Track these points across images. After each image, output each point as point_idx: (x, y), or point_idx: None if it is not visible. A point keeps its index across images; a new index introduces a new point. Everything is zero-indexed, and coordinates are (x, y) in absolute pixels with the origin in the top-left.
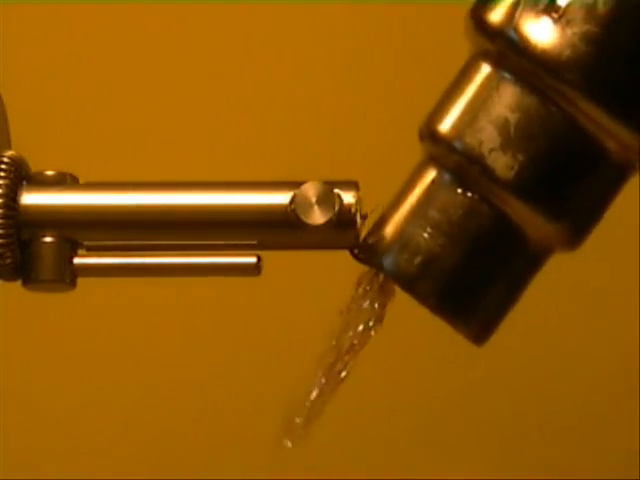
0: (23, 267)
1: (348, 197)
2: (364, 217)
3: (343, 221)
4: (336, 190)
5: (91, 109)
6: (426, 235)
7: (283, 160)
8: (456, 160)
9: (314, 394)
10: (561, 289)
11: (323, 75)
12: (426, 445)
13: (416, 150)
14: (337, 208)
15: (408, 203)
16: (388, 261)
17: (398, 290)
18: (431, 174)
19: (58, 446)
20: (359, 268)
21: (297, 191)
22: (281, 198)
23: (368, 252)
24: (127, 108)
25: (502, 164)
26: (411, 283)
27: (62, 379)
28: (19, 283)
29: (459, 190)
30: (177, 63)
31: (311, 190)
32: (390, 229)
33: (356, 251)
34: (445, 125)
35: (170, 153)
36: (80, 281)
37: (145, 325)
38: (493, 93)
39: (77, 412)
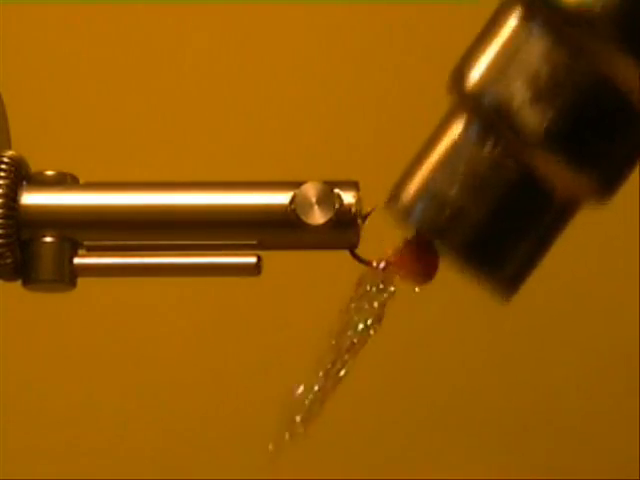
0: (23, 267)
1: (348, 197)
2: (364, 217)
3: (343, 221)
4: (336, 190)
5: (91, 109)
6: (454, 188)
7: (283, 160)
8: (485, 113)
9: (313, 393)
10: (561, 289)
11: (323, 75)
12: (426, 445)
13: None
14: (337, 208)
15: (435, 156)
16: (416, 213)
17: (398, 290)
18: (458, 127)
19: (58, 446)
20: (359, 268)
21: (297, 191)
22: (281, 198)
23: (396, 206)
24: (127, 108)
25: (532, 118)
26: (440, 233)
27: (62, 379)
28: (19, 283)
29: (487, 143)
30: (177, 63)
31: (311, 190)
32: (417, 182)
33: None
34: (474, 77)
35: (170, 153)
36: (80, 281)
37: (145, 325)
38: (523, 45)
39: (77, 412)
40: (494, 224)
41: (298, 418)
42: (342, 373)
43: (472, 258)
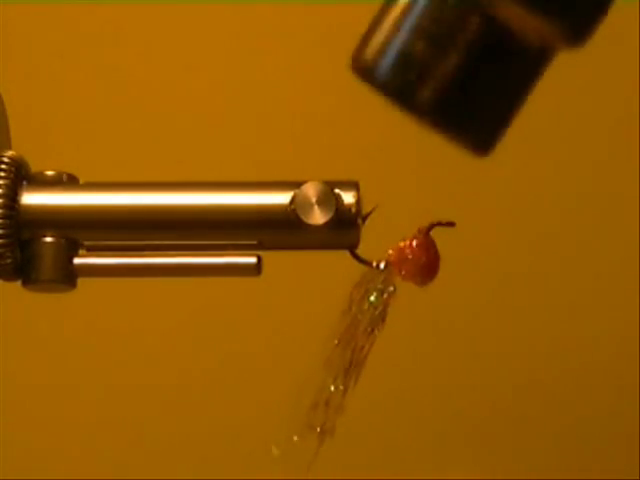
0: (23, 267)
1: (348, 197)
2: (364, 217)
3: (343, 221)
4: (336, 190)
5: (91, 109)
6: (419, 46)
7: (283, 160)
8: None
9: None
10: (561, 289)
11: (323, 75)
12: (426, 445)
13: (416, 150)
14: (337, 208)
15: (398, 12)
16: (382, 72)
17: (399, 290)
18: None
19: (58, 446)
20: (359, 268)
21: (297, 191)
22: (281, 198)
23: (360, 64)
24: (127, 108)
25: None
26: (408, 95)
27: (62, 379)
28: (19, 283)
29: None
30: (177, 63)
31: (311, 190)
32: (381, 39)
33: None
34: None
35: (170, 153)
36: (80, 281)
37: (145, 325)
38: None
39: (77, 412)
40: (463, 79)
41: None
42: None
43: (445, 117)
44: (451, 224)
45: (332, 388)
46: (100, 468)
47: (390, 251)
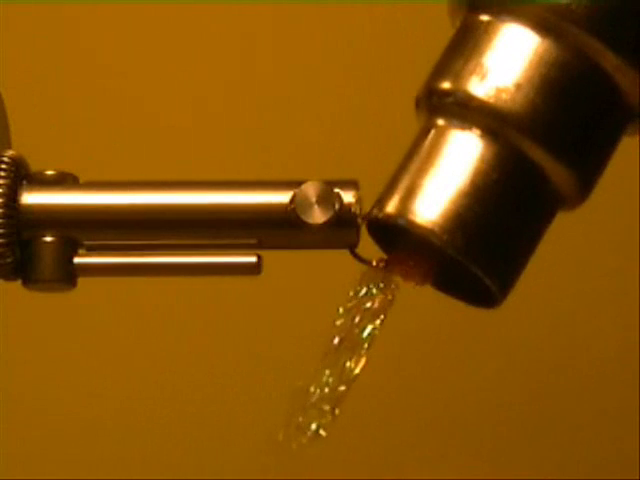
0: (23, 267)
1: (348, 197)
2: (364, 217)
3: (343, 221)
4: (336, 189)
5: (91, 109)
6: (475, 208)
7: (283, 160)
8: (484, 116)
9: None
10: (560, 290)
11: (323, 75)
12: (426, 445)
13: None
14: (337, 208)
15: (427, 168)
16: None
17: (399, 289)
18: (451, 136)
19: (58, 446)
20: (359, 268)
21: (297, 190)
22: (281, 197)
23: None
24: (127, 108)
25: (520, 107)
26: (445, 238)
27: (62, 379)
28: (19, 283)
29: (485, 147)
30: (177, 63)
31: (311, 189)
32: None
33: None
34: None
35: (170, 153)
36: (80, 281)
37: (145, 325)
38: (507, 44)
39: (77, 411)
40: (496, 224)
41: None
42: (354, 373)
43: (477, 258)
44: None
45: (327, 390)
46: (100, 468)
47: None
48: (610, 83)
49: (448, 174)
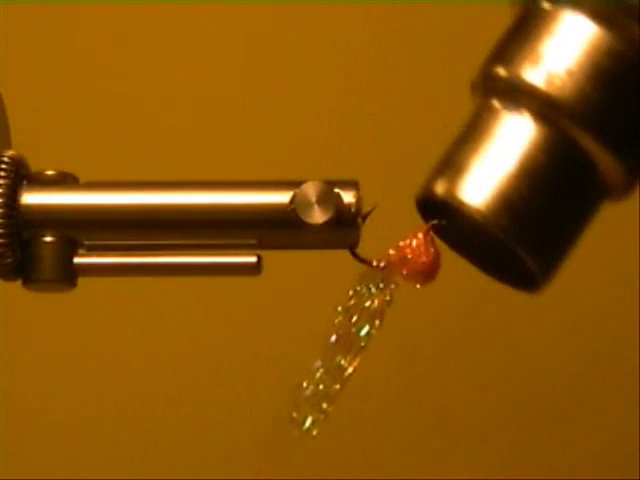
0: (23, 267)
1: (348, 197)
2: (364, 217)
3: (343, 221)
4: (336, 190)
5: (91, 109)
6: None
7: (283, 160)
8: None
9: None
10: (561, 288)
11: (323, 75)
12: (426, 445)
13: (416, 150)
14: (337, 208)
15: (487, 152)
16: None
17: (399, 289)
18: (511, 121)
19: (58, 446)
20: (359, 268)
21: (297, 190)
22: (281, 197)
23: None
24: (127, 108)
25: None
26: (491, 218)
27: (62, 379)
28: (19, 283)
29: (537, 130)
30: (177, 63)
31: (311, 189)
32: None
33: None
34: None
35: (170, 153)
36: (80, 281)
37: (145, 325)
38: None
39: (77, 411)
40: (542, 208)
41: (309, 420)
42: (349, 372)
43: (526, 241)
44: None
45: (321, 387)
46: (100, 468)
47: (390, 251)
48: None
49: (497, 155)
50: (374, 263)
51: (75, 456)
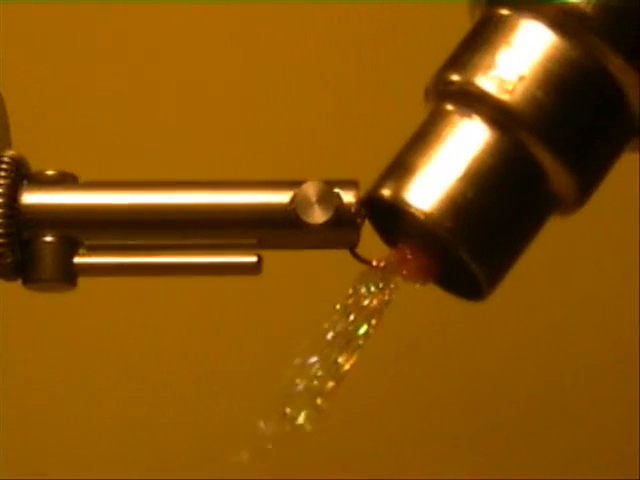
0: (23, 266)
1: (348, 197)
2: (364, 217)
3: (343, 221)
4: (336, 189)
5: (91, 109)
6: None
7: (283, 160)
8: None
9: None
10: (560, 291)
11: (323, 75)
12: (425, 445)
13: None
14: (337, 207)
15: (435, 153)
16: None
17: (398, 289)
18: (457, 123)
19: (58, 446)
20: (359, 268)
21: (297, 190)
22: (281, 197)
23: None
24: (127, 108)
25: (529, 107)
26: (435, 218)
27: (62, 379)
28: (19, 283)
29: (489, 134)
30: (177, 63)
31: (311, 189)
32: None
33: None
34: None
35: (170, 153)
36: (80, 281)
37: (145, 325)
38: (517, 40)
39: (77, 411)
40: (488, 212)
41: (302, 416)
42: (345, 369)
43: (472, 247)
44: None
45: (315, 382)
46: (100, 468)
47: (390, 251)
48: (616, 88)
49: (446, 158)
50: (374, 263)
51: (75, 456)
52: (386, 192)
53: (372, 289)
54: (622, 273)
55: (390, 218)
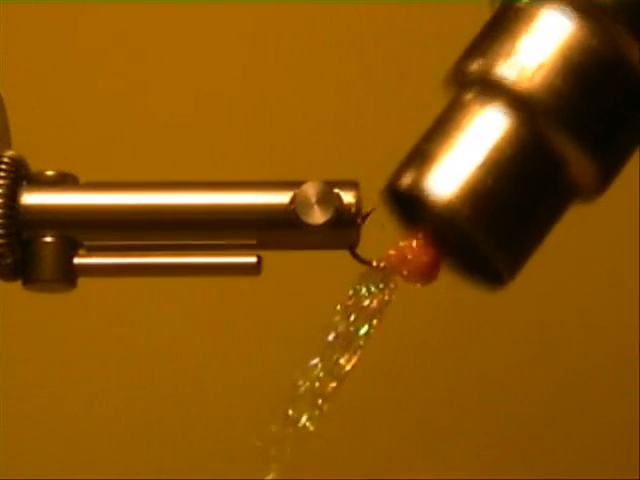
0: (23, 267)
1: (348, 197)
2: (364, 217)
3: (343, 221)
4: (336, 190)
5: (91, 109)
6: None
7: (283, 160)
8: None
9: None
10: (560, 290)
11: (323, 75)
12: (424, 445)
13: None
14: (337, 208)
15: (453, 142)
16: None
17: (398, 289)
18: (479, 113)
19: (58, 446)
20: (359, 268)
21: (297, 191)
22: (281, 198)
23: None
24: (127, 108)
25: (548, 95)
26: (454, 207)
27: (62, 379)
28: (19, 283)
29: (508, 123)
30: (177, 63)
31: (311, 190)
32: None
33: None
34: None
35: (170, 153)
36: (80, 281)
37: (145, 325)
38: (539, 30)
39: (77, 412)
40: (507, 201)
41: (304, 418)
42: (346, 370)
43: (491, 236)
44: None
45: (317, 384)
46: (100, 468)
47: (390, 251)
48: (636, 76)
49: (465, 147)
50: (374, 263)
51: (75, 456)
52: (406, 181)
53: (372, 289)
54: (622, 273)
55: (409, 208)
